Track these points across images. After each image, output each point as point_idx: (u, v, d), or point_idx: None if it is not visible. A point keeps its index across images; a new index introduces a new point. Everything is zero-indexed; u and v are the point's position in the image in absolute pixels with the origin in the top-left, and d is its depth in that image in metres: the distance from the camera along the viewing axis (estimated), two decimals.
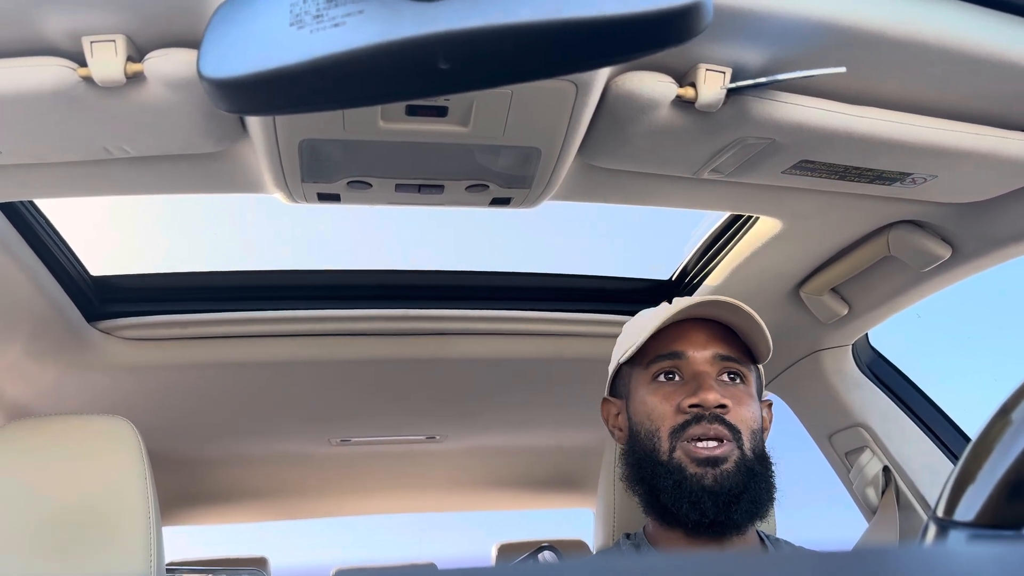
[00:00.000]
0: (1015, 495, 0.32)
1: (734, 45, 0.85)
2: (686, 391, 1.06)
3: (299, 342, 1.60)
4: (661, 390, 1.08)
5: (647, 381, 1.10)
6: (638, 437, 1.09)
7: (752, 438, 1.06)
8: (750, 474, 1.02)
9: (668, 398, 1.07)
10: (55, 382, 1.55)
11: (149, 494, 1.15)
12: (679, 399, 1.06)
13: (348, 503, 2.72)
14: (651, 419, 1.07)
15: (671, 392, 1.07)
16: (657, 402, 1.07)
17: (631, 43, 0.44)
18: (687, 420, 1.04)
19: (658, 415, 1.07)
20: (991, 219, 1.20)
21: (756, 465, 1.04)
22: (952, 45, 0.86)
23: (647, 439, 1.07)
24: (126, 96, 0.81)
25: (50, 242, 1.29)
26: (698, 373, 1.07)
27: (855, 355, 1.65)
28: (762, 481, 1.04)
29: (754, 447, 1.05)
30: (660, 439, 1.05)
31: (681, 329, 1.11)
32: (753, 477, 1.02)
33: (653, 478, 1.04)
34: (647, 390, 1.10)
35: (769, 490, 1.05)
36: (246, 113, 0.83)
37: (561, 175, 1.04)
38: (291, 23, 0.44)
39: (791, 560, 0.24)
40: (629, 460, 1.11)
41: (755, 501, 1.02)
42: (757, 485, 1.03)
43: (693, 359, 1.08)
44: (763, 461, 1.06)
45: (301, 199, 1.06)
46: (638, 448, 1.09)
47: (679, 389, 1.07)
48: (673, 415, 1.05)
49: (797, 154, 1.00)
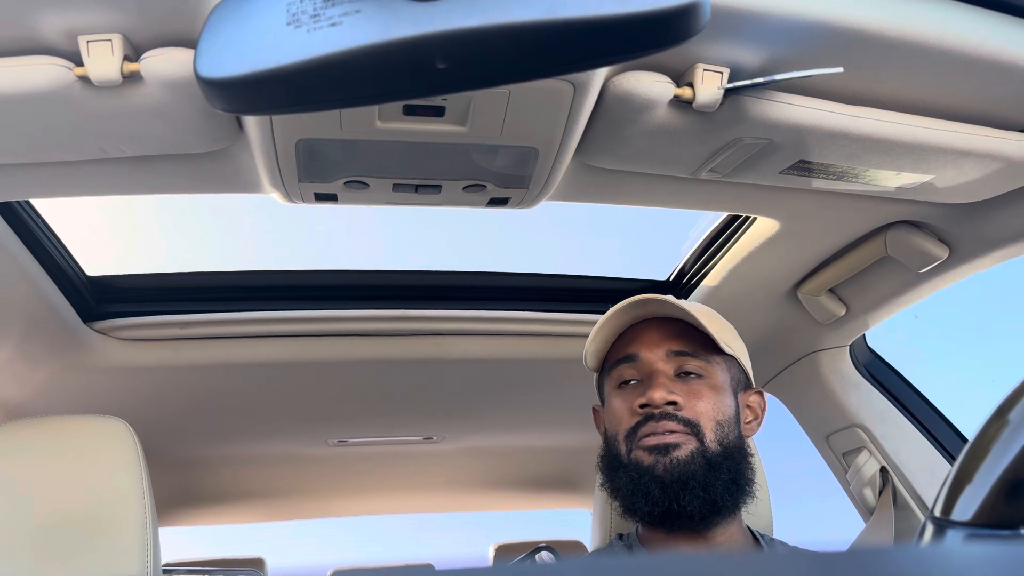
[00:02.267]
0: (1012, 495, 0.32)
1: (732, 45, 0.85)
2: (640, 391, 1.07)
3: (296, 343, 1.60)
4: (621, 394, 1.10)
5: (613, 387, 1.13)
6: (608, 442, 1.12)
7: (717, 430, 1.04)
8: (707, 464, 1.01)
9: (626, 400, 1.09)
10: (51, 382, 1.55)
11: (145, 494, 1.15)
12: (632, 400, 1.07)
13: (345, 504, 2.71)
14: (613, 423, 1.10)
15: (628, 394, 1.09)
16: (618, 405, 1.09)
17: (629, 43, 0.44)
18: (639, 421, 1.05)
19: (618, 419, 1.09)
20: (988, 220, 1.20)
21: (719, 457, 1.02)
22: (949, 46, 0.86)
23: (612, 444, 1.09)
24: (122, 96, 0.81)
25: (46, 242, 1.28)
26: (651, 372, 1.08)
27: (852, 356, 1.65)
28: (723, 472, 1.02)
29: (721, 439, 1.04)
30: (620, 442, 1.07)
31: (636, 331, 1.13)
32: (711, 467, 1.01)
33: (615, 479, 1.06)
34: (613, 395, 1.12)
35: (736, 480, 1.03)
36: (243, 113, 0.83)
37: (559, 175, 1.04)
38: (288, 23, 0.44)
39: (785, 560, 0.24)
40: (600, 467, 1.13)
41: (708, 489, 1.00)
42: (715, 474, 1.01)
43: (646, 359, 1.09)
44: (733, 452, 1.04)
45: (298, 199, 1.06)
46: (607, 453, 1.11)
47: (635, 390, 1.09)
48: (629, 417, 1.07)
49: (795, 154, 1.00)
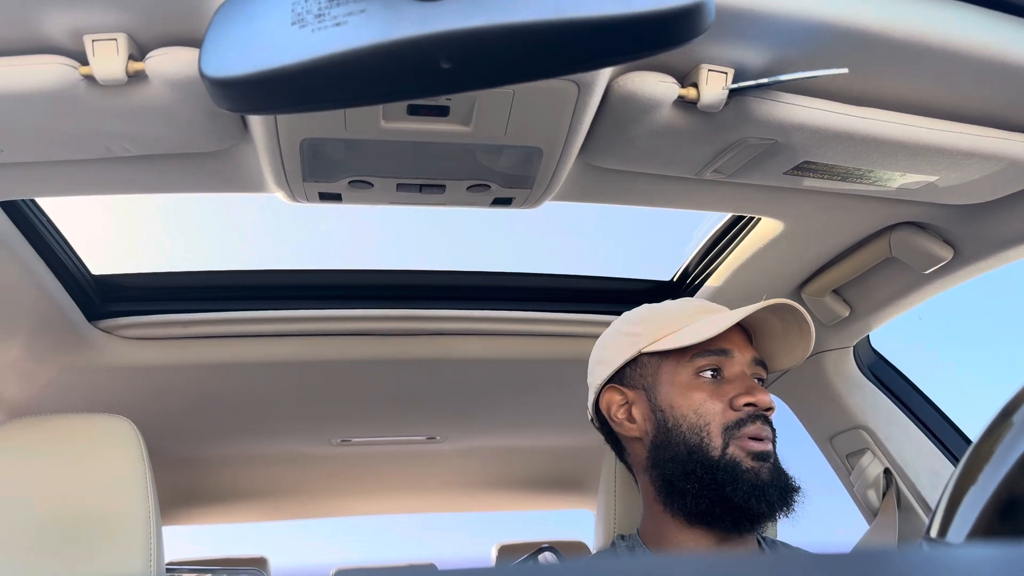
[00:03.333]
0: (1007, 514, 0.31)
1: (736, 46, 0.84)
2: (735, 389, 1.07)
3: (300, 342, 1.60)
4: (707, 386, 1.08)
5: (688, 375, 1.09)
6: (677, 430, 1.08)
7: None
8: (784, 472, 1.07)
9: (716, 395, 1.07)
10: (56, 381, 1.56)
11: (149, 493, 1.15)
12: (729, 396, 1.07)
13: (348, 503, 2.72)
14: (698, 413, 1.07)
15: (717, 389, 1.08)
16: (705, 397, 1.07)
17: (633, 43, 0.44)
18: (741, 418, 1.05)
19: (707, 410, 1.07)
20: (993, 221, 1.20)
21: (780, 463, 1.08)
22: (955, 47, 0.86)
23: (692, 433, 1.06)
24: (128, 95, 0.81)
25: (52, 241, 1.29)
26: (742, 374, 1.09)
27: (856, 357, 1.65)
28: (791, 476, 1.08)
29: None
30: (710, 434, 1.05)
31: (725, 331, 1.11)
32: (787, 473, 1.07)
33: (708, 473, 1.04)
34: (689, 383, 1.09)
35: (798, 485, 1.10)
36: (248, 112, 0.84)
37: (562, 175, 1.04)
38: (293, 22, 0.44)
39: (788, 561, 0.24)
40: (662, 454, 1.09)
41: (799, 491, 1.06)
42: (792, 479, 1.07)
43: (737, 359, 1.10)
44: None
45: (302, 198, 1.06)
46: (678, 442, 1.07)
47: (725, 387, 1.08)
48: (723, 411, 1.06)
49: (799, 155, 1.00)
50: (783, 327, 1.13)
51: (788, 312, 1.11)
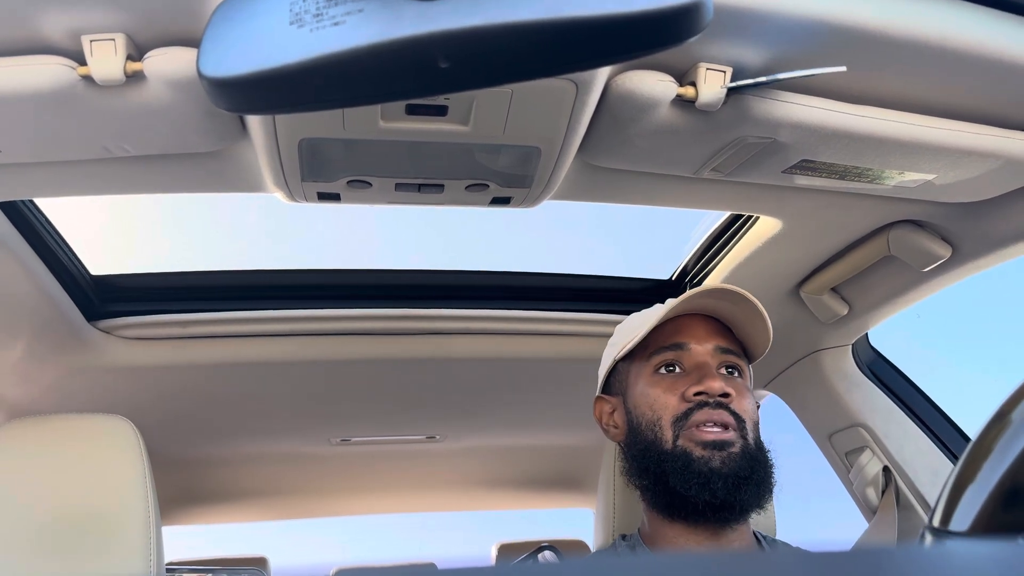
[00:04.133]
0: (1010, 504, 0.31)
1: (734, 44, 0.85)
2: (689, 381, 1.07)
3: (300, 342, 1.60)
4: (663, 382, 1.09)
5: (648, 374, 1.11)
6: (638, 429, 1.10)
7: (753, 429, 1.07)
8: (754, 461, 1.04)
9: (671, 389, 1.08)
10: (55, 382, 1.55)
11: (149, 493, 1.15)
12: (682, 389, 1.06)
13: (348, 503, 2.72)
14: (653, 409, 1.08)
15: (673, 383, 1.08)
16: (659, 393, 1.08)
17: (631, 42, 0.44)
18: (690, 408, 1.05)
19: (660, 405, 1.07)
20: (991, 219, 1.20)
21: (759, 455, 1.06)
22: (953, 45, 0.86)
23: (648, 429, 1.07)
24: (126, 95, 0.81)
25: (51, 241, 1.29)
26: (700, 364, 1.08)
27: (855, 355, 1.65)
28: (765, 468, 1.06)
29: (755, 438, 1.07)
30: (662, 428, 1.06)
31: (681, 323, 1.12)
32: (757, 464, 1.04)
33: (658, 466, 1.05)
34: (648, 382, 1.10)
35: (770, 479, 1.06)
36: (246, 112, 0.84)
37: (561, 174, 1.04)
38: (291, 22, 0.44)
39: (788, 560, 0.24)
40: (630, 453, 1.12)
41: (760, 485, 1.03)
42: (763, 471, 1.05)
43: (695, 351, 1.10)
44: (764, 452, 1.08)
45: (301, 198, 1.06)
46: (639, 440, 1.09)
47: (681, 380, 1.08)
48: (676, 404, 1.06)
49: (797, 153, 1.00)
50: (743, 313, 1.11)
51: (736, 297, 1.09)
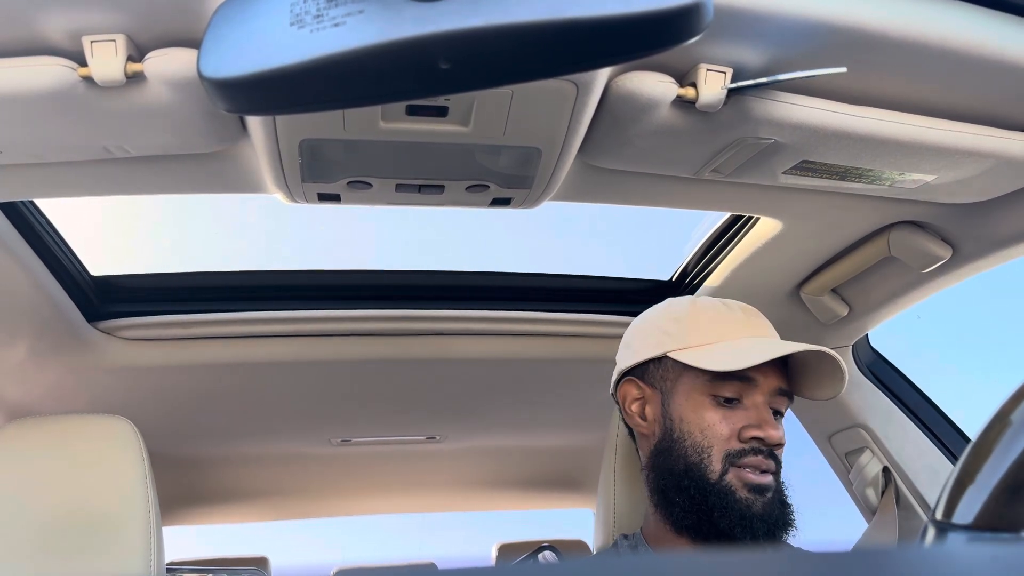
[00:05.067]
0: (1013, 497, 0.32)
1: (735, 45, 0.85)
2: (747, 418, 1.05)
3: (300, 342, 1.60)
4: (721, 410, 1.06)
5: (705, 393, 1.07)
6: (680, 443, 1.07)
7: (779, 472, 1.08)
8: (783, 504, 1.06)
9: (727, 419, 1.06)
10: (55, 382, 1.55)
11: (149, 494, 1.15)
12: (740, 425, 1.05)
13: (349, 503, 2.72)
14: (704, 434, 1.05)
15: (730, 414, 1.06)
16: (716, 420, 1.06)
17: (632, 43, 0.44)
18: (744, 449, 1.04)
19: (713, 434, 1.05)
20: (991, 220, 1.20)
21: (784, 496, 1.08)
22: (953, 45, 0.86)
23: (694, 451, 1.05)
24: (126, 96, 0.81)
25: (51, 242, 1.29)
26: (760, 404, 1.07)
27: (855, 356, 1.65)
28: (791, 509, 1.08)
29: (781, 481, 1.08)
30: (711, 457, 1.04)
31: None
32: (785, 506, 1.06)
33: (700, 494, 1.04)
34: (703, 402, 1.07)
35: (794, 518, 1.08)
36: (246, 113, 0.83)
37: (561, 175, 1.04)
38: (291, 23, 0.44)
39: (787, 560, 0.24)
40: (663, 462, 1.09)
41: (789, 526, 1.06)
42: (789, 513, 1.07)
43: (760, 388, 1.07)
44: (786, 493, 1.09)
45: (301, 199, 1.06)
46: (678, 455, 1.07)
47: (739, 414, 1.06)
48: (729, 438, 1.05)
49: (798, 154, 1.00)
50: (816, 362, 1.09)
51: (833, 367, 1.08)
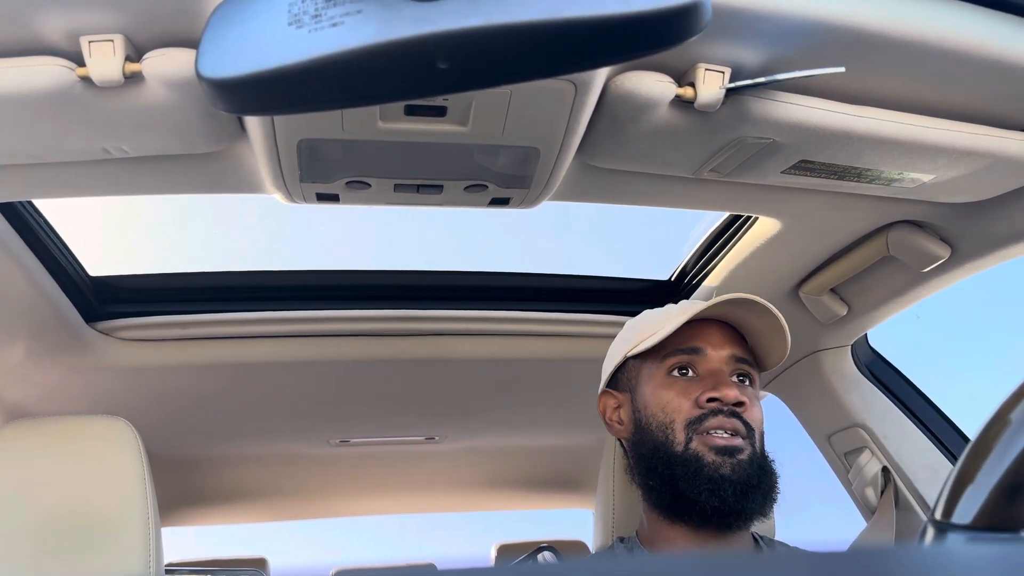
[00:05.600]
0: (1013, 497, 0.32)
1: (733, 45, 0.85)
2: (703, 386, 1.07)
3: (299, 343, 1.60)
4: (676, 384, 1.09)
5: (661, 375, 1.11)
6: (647, 429, 1.10)
7: (760, 439, 1.08)
8: (762, 469, 1.05)
9: (684, 392, 1.08)
10: (54, 383, 1.55)
11: (148, 495, 1.15)
12: (696, 393, 1.07)
13: (348, 504, 2.72)
14: (665, 411, 1.08)
15: (687, 387, 1.08)
16: (673, 396, 1.08)
17: (630, 43, 0.44)
18: (704, 413, 1.05)
19: (673, 408, 1.07)
20: (990, 219, 1.20)
21: (767, 464, 1.07)
22: (951, 45, 0.86)
23: (659, 431, 1.08)
24: (124, 96, 0.81)
25: (49, 242, 1.28)
26: (715, 370, 1.09)
27: (854, 355, 1.65)
28: (772, 477, 1.07)
29: (762, 448, 1.08)
30: (674, 431, 1.06)
31: (698, 327, 1.12)
32: (765, 472, 1.05)
33: (668, 468, 1.05)
34: (661, 383, 1.10)
35: (775, 489, 1.07)
36: (244, 113, 0.83)
37: (560, 175, 1.04)
38: (289, 23, 0.44)
39: (785, 560, 0.24)
40: (637, 452, 1.12)
41: (767, 493, 1.04)
42: (769, 479, 1.06)
43: (711, 356, 1.10)
44: (770, 462, 1.09)
45: (300, 199, 1.06)
46: (647, 440, 1.09)
47: (695, 384, 1.08)
48: (690, 408, 1.06)
49: (796, 154, 1.00)
50: (762, 323, 1.12)
51: (760, 309, 1.09)
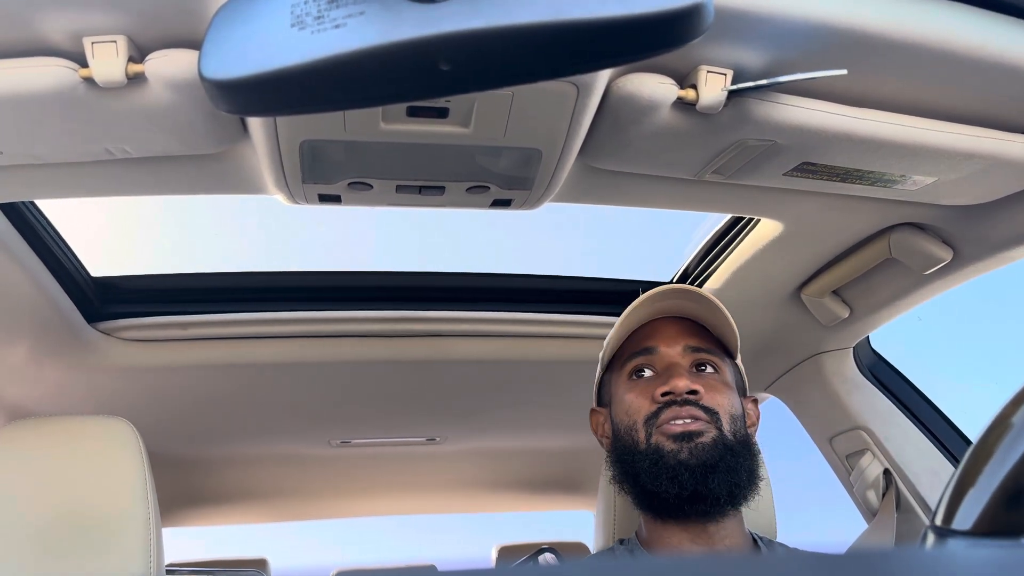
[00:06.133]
0: (1013, 503, 0.31)
1: (735, 47, 0.85)
2: (659, 382, 1.09)
3: (299, 343, 1.60)
4: (636, 386, 1.12)
5: (624, 381, 1.14)
6: (619, 435, 1.12)
7: (732, 423, 1.08)
8: (727, 450, 1.04)
9: (643, 392, 1.10)
10: (55, 383, 1.55)
11: (149, 495, 1.15)
12: (652, 391, 1.09)
13: (348, 505, 2.71)
14: (628, 414, 1.10)
15: (645, 386, 1.11)
16: (633, 397, 1.11)
17: (632, 45, 0.44)
18: (659, 407, 1.07)
19: (635, 409, 1.10)
20: (992, 222, 1.20)
21: (736, 446, 1.06)
22: (954, 48, 0.86)
23: (626, 434, 1.10)
24: (127, 97, 0.81)
25: (51, 243, 1.29)
26: (670, 365, 1.11)
27: (856, 358, 1.65)
28: (741, 459, 1.06)
29: (735, 431, 1.07)
30: (637, 430, 1.08)
31: (653, 327, 1.15)
32: (731, 453, 1.05)
33: (632, 466, 1.07)
34: (624, 388, 1.13)
35: (751, 473, 1.07)
36: (247, 114, 0.84)
37: (562, 177, 1.04)
38: (292, 24, 0.44)
39: (785, 562, 0.24)
40: (613, 459, 1.14)
41: (732, 473, 1.03)
42: (736, 460, 1.05)
43: (664, 353, 1.12)
44: (745, 446, 1.08)
45: (302, 200, 1.06)
46: (619, 446, 1.12)
47: (652, 382, 1.10)
48: (648, 406, 1.08)
49: (798, 156, 1.00)
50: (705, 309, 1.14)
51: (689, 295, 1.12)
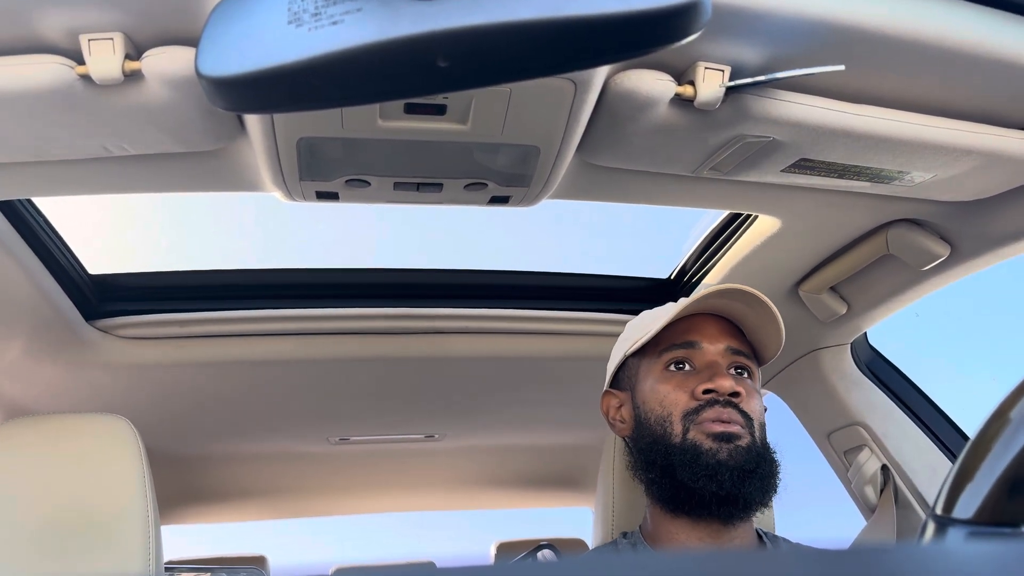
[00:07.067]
0: (1014, 492, 0.32)
1: (733, 43, 0.85)
2: (699, 379, 1.08)
3: (298, 341, 1.60)
4: (673, 379, 1.10)
5: (659, 370, 1.12)
6: (646, 424, 1.10)
7: (761, 430, 1.08)
8: (761, 458, 1.05)
9: (681, 386, 1.08)
10: (53, 381, 1.55)
11: (147, 493, 1.15)
12: (693, 386, 1.07)
13: (347, 502, 2.72)
14: (663, 405, 1.09)
15: (683, 380, 1.09)
16: (670, 390, 1.09)
17: (630, 41, 0.44)
18: (700, 404, 1.06)
19: (671, 401, 1.08)
20: (990, 218, 1.20)
21: (767, 454, 1.07)
22: (951, 44, 0.86)
23: (657, 424, 1.08)
24: (124, 94, 0.81)
25: (48, 241, 1.28)
26: (711, 363, 1.09)
27: (854, 354, 1.65)
28: (772, 465, 1.06)
29: (762, 438, 1.08)
30: (672, 423, 1.07)
31: (693, 322, 1.13)
32: (765, 461, 1.05)
33: (666, 459, 1.05)
34: (658, 378, 1.11)
35: (775, 477, 1.07)
36: (244, 111, 0.83)
37: (560, 173, 1.04)
38: (289, 21, 0.44)
39: (789, 557, 0.24)
40: (636, 447, 1.13)
41: (766, 480, 1.04)
42: (768, 468, 1.05)
43: (707, 350, 1.11)
44: (770, 452, 1.09)
45: (299, 197, 1.06)
46: (646, 434, 1.10)
47: (692, 377, 1.09)
48: (687, 401, 1.07)
49: (796, 152, 1.00)
50: (755, 314, 1.12)
51: (750, 299, 1.10)
